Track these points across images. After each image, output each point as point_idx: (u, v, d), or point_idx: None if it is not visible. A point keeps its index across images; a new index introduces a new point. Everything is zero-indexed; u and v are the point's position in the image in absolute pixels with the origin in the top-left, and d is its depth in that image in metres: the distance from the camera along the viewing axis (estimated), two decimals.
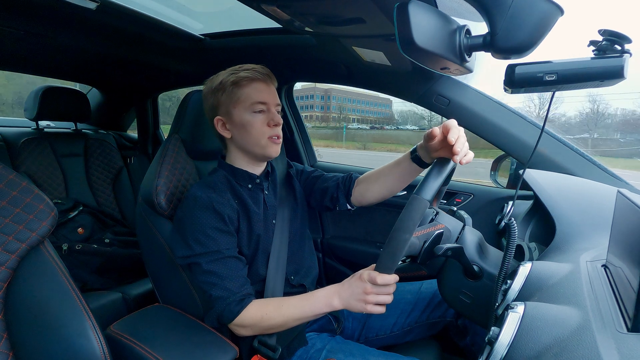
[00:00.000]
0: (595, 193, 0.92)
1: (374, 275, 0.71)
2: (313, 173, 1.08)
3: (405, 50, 0.54)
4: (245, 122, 0.87)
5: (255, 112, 0.87)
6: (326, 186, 1.02)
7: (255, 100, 0.86)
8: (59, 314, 0.66)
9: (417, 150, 0.87)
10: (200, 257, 0.81)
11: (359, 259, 1.51)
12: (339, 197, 1.00)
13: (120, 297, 1.42)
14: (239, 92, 0.86)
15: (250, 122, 0.87)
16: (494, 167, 1.34)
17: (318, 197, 1.04)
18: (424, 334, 1.02)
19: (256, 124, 0.87)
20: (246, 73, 0.86)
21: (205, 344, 0.83)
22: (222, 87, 0.87)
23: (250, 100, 0.86)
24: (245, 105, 0.86)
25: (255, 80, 0.87)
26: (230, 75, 0.87)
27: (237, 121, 0.87)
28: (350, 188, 1.00)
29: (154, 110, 2.23)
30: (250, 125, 0.87)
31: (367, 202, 1.00)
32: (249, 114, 0.87)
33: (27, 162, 1.62)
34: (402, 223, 0.66)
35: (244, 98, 0.86)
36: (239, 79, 0.86)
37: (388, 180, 0.95)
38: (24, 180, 0.70)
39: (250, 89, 0.86)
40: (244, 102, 0.86)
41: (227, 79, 0.87)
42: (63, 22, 1.14)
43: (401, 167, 0.92)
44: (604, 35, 0.58)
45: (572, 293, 0.49)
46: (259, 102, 0.87)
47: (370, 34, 0.92)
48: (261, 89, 0.87)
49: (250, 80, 0.86)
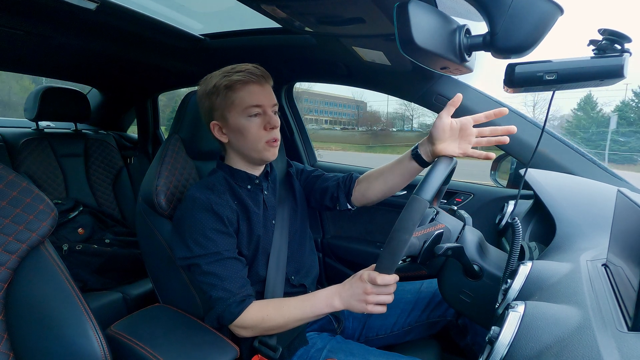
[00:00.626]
0: (596, 192, 0.92)
1: (374, 276, 0.71)
2: (313, 172, 1.07)
3: (405, 50, 0.54)
4: (241, 127, 0.85)
5: (250, 116, 0.84)
6: (326, 186, 1.02)
7: (249, 104, 0.84)
8: (59, 314, 0.66)
9: (419, 148, 0.86)
10: (199, 259, 0.81)
11: (359, 259, 1.51)
12: (339, 196, 1.00)
13: (120, 297, 1.42)
14: (233, 96, 0.84)
15: (246, 126, 0.85)
16: (494, 167, 1.34)
17: (318, 197, 1.04)
18: (424, 333, 1.02)
19: (252, 129, 0.85)
20: (239, 76, 0.83)
21: (205, 344, 0.83)
22: (216, 90, 0.84)
23: (244, 105, 0.84)
24: (240, 109, 0.84)
25: (249, 83, 0.84)
26: (223, 78, 0.84)
27: (233, 126, 0.86)
28: (351, 188, 1.00)
29: (154, 110, 2.23)
30: (247, 130, 0.85)
31: (368, 201, 1.00)
32: (245, 118, 0.84)
33: (27, 163, 1.62)
34: (401, 223, 0.66)
35: (238, 102, 0.84)
36: (232, 83, 0.83)
37: (389, 179, 0.94)
38: (24, 180, 0.70)
39: (245, 92, 0.84)
40: (238, 107, 0.84)
41: (220, 82, 0.84)
42: (63, 22, 1.14)
43: (402, 166, 0.91)
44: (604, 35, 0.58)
45: (573, 292, 0.49)
46: (254, 105, 0.84)
47: (370, 33, 0.92)
48: (255, 91, 0.85)
49: (243, 84, 0.83)
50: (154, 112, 2.23)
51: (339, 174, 1.04)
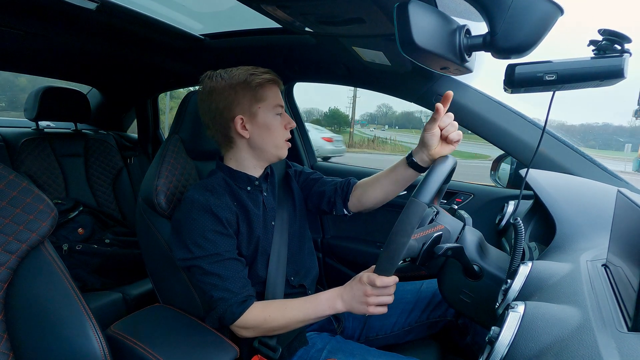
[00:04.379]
0: (596, 193, 0.92)
1: (373, 278, 0.72)
2: (311, 175, 1.08)
3: (405, 50, 0.54)
4: (269, 123, 0.89)
5: (277, 114, 0.90)
6: (324, 190, 1.02)
7: (277, 102, 0.90)
8: (59, 314, 0.66)
9: (413, 155, 0.87)
10: (199, 260, 0.81)
11: (359, 259, 1.51)
12: (336, 201, 1.00)
13: (120, 297, 1.42)
14: (265, 93, 0.88)
15: (274, 123, 0.89)
16: (494, 167, 1.34)
17: (315, 200, 1.04)
18: (424, 333, 1.03)
19: (278, 126, 0.90)
20: (268, 76, 0.88)
21: (205, 344, 0.83)
22: (247, 85, 0.86)
23: (274, 102, 0.89)
24: (271, 106, 0.89)
25: (275, 84, 0.90)
26: (252, 75, 0.86)
27: (261, 122, 0.88)
28: (348, 193, 1.00)
29: (154, 110, 2.23)
30: (274, 126, 0.89)
31: (364, 208, 1.00)
32: (273, 115, 0.89)
33: (27, 163, 1.62)
34: (400, 226, 0.65)
35: (270, 99, 0.88)
36: (264, 81, 0.87)
37: (384, 186, 0.95)
38: (24, 180, 0.70)
39: (272, 92, 0.89)
40: (269, 104, 0.88)
41: (250, 78, 0.86)
42: (63, 22, 1.14)
43: (397, 173, 0.92)
44: (604, 35, 0.58)
45: (573, 292, 0.49)
46: (280, 105, 0.90)
47: (370, 34, 0.92)
48: (278, 92, 0.91)
49: (272, 83, 0.89)
50: (154, 112, 2.23)
51: (337, 179, 1.05)
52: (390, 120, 52.88)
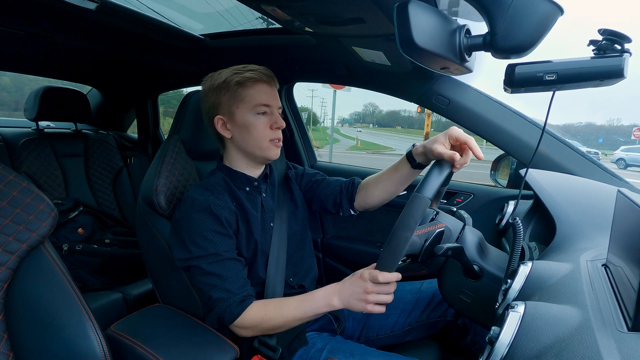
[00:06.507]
0: (596, 193, 0.92)
1: (376, 274, 0.71)
2: (314, 177, 1.07)
3: (405, 50, 0.54)
4: (247, 123, 0.86)
5: (258, 113, 0.86)
6: (329, 191, 1.02)
7: (259, 102, 0.86)
8: (59, 314, 0.66)
9: (413, 153, 0.87)
10: (199, 260, 0.81)
11: (359, 259, 1.51)
12: (342, 202, 1.01)
13: (120, 297, 1.42)
14: (244, 92, 0.85)
15: (253, 123, 0.86)
16: (494, 167, 1.34)
17: (321, 202, 1.04)
18: (424, 333, 1.02)
19: (259, 126, 0.86)
20: (251, 74, 0.85)
21: (205, 344, 0.82)
22: (226, 86, 0.85)
23: (254, 102, 0.85)
24: (249, 106, 0.85)
25: (260, 82, 0.86)
26: (234, 74, 0.85)
27: (240, 122, 0.86)
28: (354, 193, 1.00)
29: (154, 110, 2.23)
30: (253, 127, 0.86)
31: (369, 207, 1.01)
32: (252, 115, 0.86)
33: (27, 163, 1.62)
34: (403, 221, 0.66)
35: (248, 99, 0.85)
36: (244, 80, 0.85)
37: (387, 185, 0.96)
38: (24, 180, 0.70)
39: (255, 90, 0.85)
40: (248, 103, 0.85)
41: (231, 78, 0.85)
42: (63, 22, 1.14)
43: (399, 172, 0.92)
44: (604, 35, 0.58)
45: (573, 292, 0.49)
46: (263, 104, 0.86)
47: (370, 34, 0.92)
48: (265, 91, 0.87)
49: (255, 82, 0.85)
50: (154, 112, 2.23)
51: (342, 179, 1.05)
52: (377, 119, 53.21)
